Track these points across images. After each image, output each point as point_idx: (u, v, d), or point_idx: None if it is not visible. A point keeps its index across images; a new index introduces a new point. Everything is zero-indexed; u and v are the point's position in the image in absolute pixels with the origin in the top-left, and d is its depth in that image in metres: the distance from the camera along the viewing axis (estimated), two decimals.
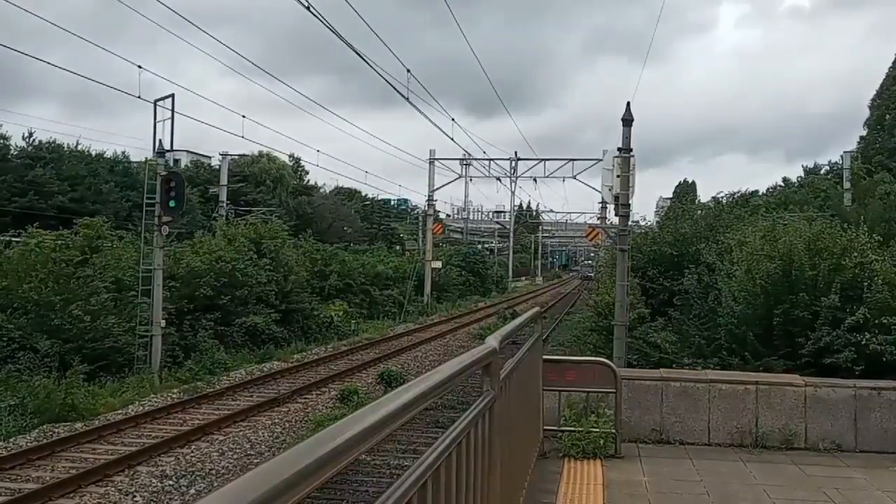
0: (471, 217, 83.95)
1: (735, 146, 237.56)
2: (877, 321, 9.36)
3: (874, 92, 45.29)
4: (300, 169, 65.60)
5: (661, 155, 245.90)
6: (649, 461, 7.50)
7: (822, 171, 37.78)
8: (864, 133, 44.63)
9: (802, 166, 43.40)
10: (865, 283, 9.72)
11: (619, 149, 14.09)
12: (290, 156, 62.47)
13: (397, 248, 61.16)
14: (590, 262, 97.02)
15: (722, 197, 23.84)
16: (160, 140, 20.56)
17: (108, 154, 46.11)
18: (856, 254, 9.95)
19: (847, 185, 25.35)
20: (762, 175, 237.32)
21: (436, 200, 46.76)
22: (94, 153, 44.29)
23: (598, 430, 7.60)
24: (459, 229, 79.87)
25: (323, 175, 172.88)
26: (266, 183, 56.49)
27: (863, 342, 9.19)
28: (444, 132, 36.17)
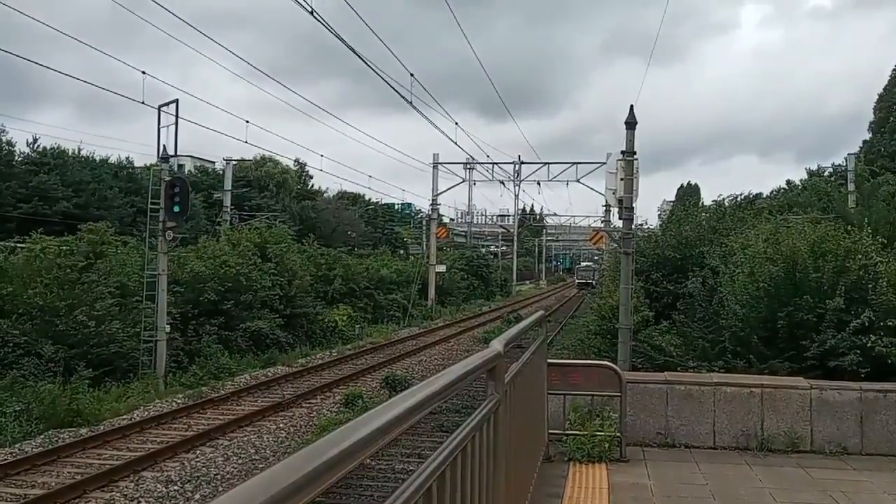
0: (474, 221, 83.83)
1: (747, 147, 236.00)
2: (882, 323, 9.33)
3: (878, 94, 45.27)
4: (304, 174, 65.69)
5: (676, 156, 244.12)
6: (654, 465, 7.49)
7: (826, 174, 37.70)
8: (868, 136, 44.59)
9: (806, 169, 43.30)
10: (870, 286, 9.69)
11: (622, 152, 14.06)
12: (294, 160, 62.60)
13: (401, 252, 61.19)
14: (591, 263, 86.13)
15: (724, 199, 23.83)
16: (164, 145, 20.65)
17: (113, 159, 46.21)
18: (860, 256, 9.92)
19: (851, 187, 25.30)
20: (773, 176, 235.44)
21: (439, 204, 46.89)
22: (98, 159, 44.40)
23: (602, 433, 7.58)
24: (463, 233, 79.82)
25: (327, 179, 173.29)
26: (269, 188, 56.57)
27: (868, 344, 9.15)
28: (447, 136, 36.22)
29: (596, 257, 74.91)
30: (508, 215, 76.36)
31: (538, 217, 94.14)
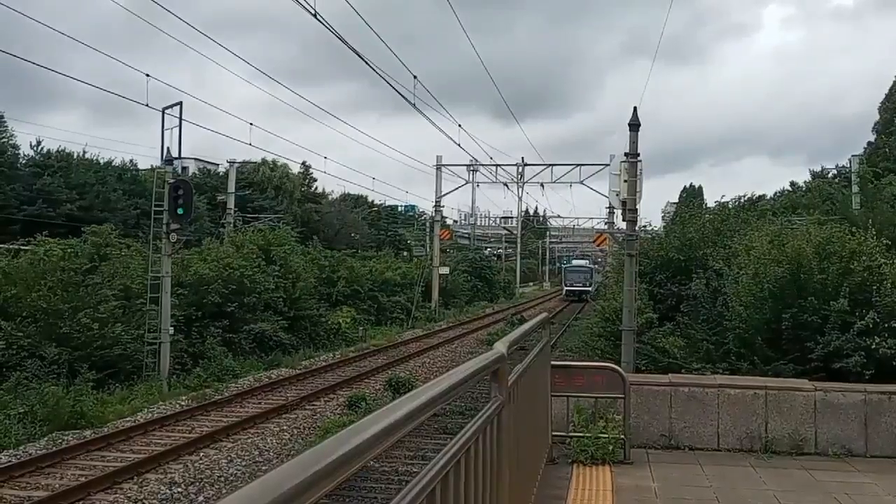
0: (478, 223, 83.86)
1: (759, 149, 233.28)
2: (886, 325, 9.30)
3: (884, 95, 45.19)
4: (308, 176, 65.67)
5: (688, 158, 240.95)
6: (658, 467, 7.48)
7: (830, 175, 37.66)
8: (872, 137, 44.52)
9: (810, 170, 43.24)
10: (874, 287, 9.67)
11: (626, 154, 14.05)
12: (301, 163, 62.62)
13: (405, 254, 61.19)
14: (585, 262, 74.41)
15: (727, 201, 23.79)
16: (168, 148, 20.69)
17: (117, 162, 46.29)
18: (865, 257, 9.90)
19: (855, 188, 25.26)
20: (784, 179, 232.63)
21: (443, 206, 46.85)
22: (102, 161, 44.47)
23: (606, 435, 7.58)
24: (467, 235, 79.82)
25: (332, 182, 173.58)
26: (268, 190, 56.60)
27: (872, 346, 9.13)
28: (450, 138, 36.15)
29: (599, 259, 71.88)
30: (512, 217, 76.46)
31: (541, 219, 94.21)
